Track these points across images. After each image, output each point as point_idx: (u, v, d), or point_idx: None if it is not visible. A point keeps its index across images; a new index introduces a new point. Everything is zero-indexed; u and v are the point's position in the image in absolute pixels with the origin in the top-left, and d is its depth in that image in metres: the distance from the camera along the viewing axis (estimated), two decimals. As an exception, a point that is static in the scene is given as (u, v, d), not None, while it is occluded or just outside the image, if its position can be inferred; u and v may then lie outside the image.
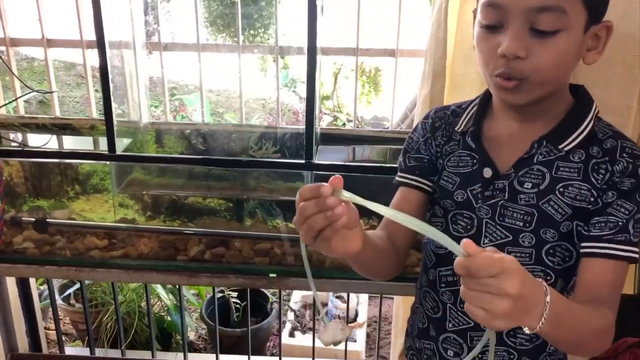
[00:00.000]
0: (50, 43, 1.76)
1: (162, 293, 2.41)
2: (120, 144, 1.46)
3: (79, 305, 2.44)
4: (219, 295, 2.47)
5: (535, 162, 0.84)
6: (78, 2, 1.67)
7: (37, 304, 2.00)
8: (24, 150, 1.57)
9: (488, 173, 0.87)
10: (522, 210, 0.84)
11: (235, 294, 2.56)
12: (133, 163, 1.57)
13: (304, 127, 1.34)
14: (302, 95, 4.48)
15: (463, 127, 0.92)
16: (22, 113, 1.82)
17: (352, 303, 2.75)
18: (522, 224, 0.84)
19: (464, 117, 0.93)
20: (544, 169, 0.84)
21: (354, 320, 2.65)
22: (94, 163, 1.59)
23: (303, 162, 1.38)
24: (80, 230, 1.60)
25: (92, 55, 1.70)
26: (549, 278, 0.86)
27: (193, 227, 1.61)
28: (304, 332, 2.62)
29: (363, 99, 4.42)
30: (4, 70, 1.74)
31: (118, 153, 1.43)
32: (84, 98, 4.82)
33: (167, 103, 1.85)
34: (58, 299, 2.39)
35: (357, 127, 2.08)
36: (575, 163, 0.83)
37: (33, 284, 1.96)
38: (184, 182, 1.60)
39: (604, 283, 0.81)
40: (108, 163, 1.54)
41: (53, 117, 1.79)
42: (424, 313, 0.98)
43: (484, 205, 0.87)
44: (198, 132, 1.72)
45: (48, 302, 2.25)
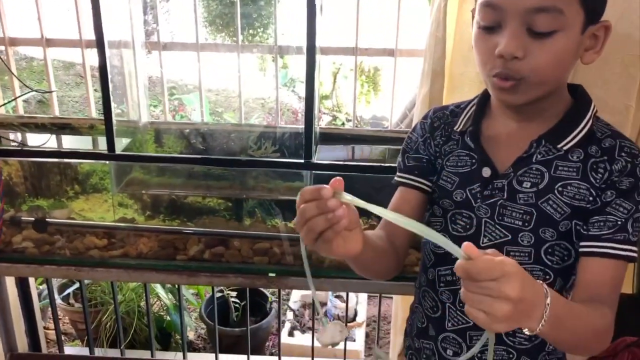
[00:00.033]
0: (50, 42, 1.75)
1: (161, 293, 2.41)
2: (120, 144, 1.46)
3: (79, 305, 2.43)
4: (218, 295, 2.47)
5: (534, 161, 0.84)
6: (77, 1, 1.67)
7: (36, 304, 1.99)
8: (23, 150, 1.58)
9: (487, 172, 0.87)
10: (521, 210, 0.84)
11: (235, 294, 2.56)
12: (132, 163, 1.57)
13: (303, 126, 1.35)
14: (301, 95, 4.48)
15: (462, 126, 0.92)
16: (21, 113, 1.82)
17: (351, 302, 2.76)
18: (521, 223, 0.85)
19: (463, 116, 0.93)
20: (543, 169, 0.84)
21: (353, 320, 2.65)
22: (94, 163, 1.59)
23: (302, 161, 1.38)
24: (80, 230, 1.60)
25: (91, 55, 1.70)
26: (548, 277, 0.86)
27: (192, 226, 1.61)
28: (303, 331, 2.62)
29: (362, 99, 4.42)
30: (3, 70, 1.74)
31: (117, 153, 1.43)
32: (83, 98, 4.82)
33: (166, 102, 1.85)
34: (57, 299, 2.39)
35: (356, 126, 2.08)
36: (574, 162, 0.83)
37: (32, 284, 1.96)
38: (183, 181, 1.60)
39: (603, 282, 0.81)
40: (107, 163, 1.54)
41: (52, 116, 1.79)
42: (423, 312, 0.98)
43: (483, 205, 0.87)
44: (197, 131, 1.72)
45: (47, 301, 2.25)
